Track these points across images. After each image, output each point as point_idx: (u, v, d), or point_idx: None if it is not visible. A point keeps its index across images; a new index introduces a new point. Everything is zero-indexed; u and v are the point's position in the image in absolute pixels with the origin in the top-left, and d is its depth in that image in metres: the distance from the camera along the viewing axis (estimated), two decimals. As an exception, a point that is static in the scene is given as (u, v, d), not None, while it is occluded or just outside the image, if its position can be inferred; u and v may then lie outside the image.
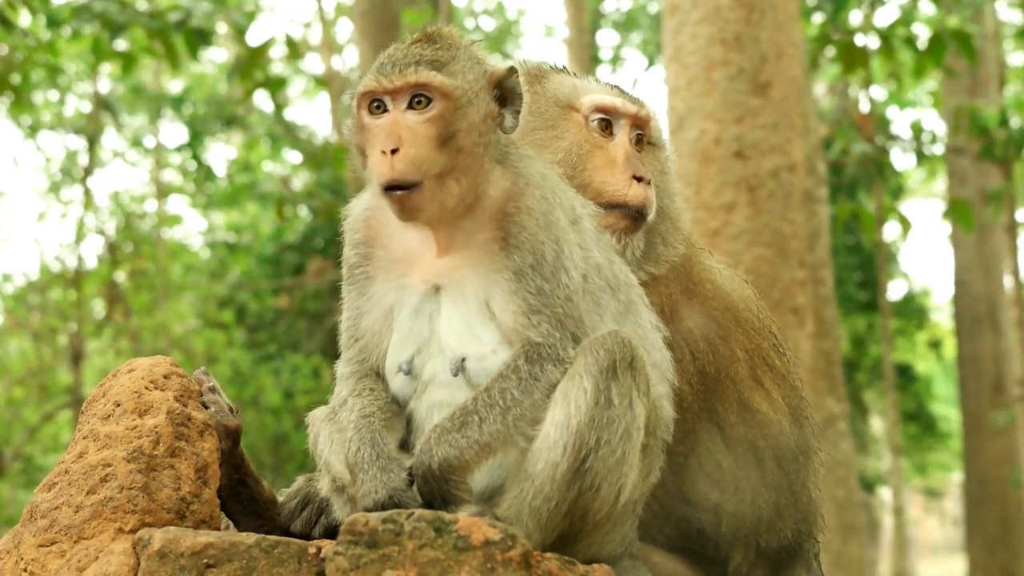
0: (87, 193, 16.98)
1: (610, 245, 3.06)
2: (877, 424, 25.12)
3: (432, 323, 2.89)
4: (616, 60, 24.72)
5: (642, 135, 3.40)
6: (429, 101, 2.82)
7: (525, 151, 3.02)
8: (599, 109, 3.35)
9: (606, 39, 24.61)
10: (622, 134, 3.34)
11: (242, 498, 3.20)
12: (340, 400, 2.94)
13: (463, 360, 2.84)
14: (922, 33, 12.31)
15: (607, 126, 3.34)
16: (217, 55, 20.77)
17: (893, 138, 15.87)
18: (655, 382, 2.90)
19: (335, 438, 2.94)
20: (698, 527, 3.30)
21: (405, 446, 2.88)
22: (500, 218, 2.87)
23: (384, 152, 2.80)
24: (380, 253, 2.99)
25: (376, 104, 2.85)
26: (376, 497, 2.74)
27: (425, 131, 2.80)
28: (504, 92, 2.95)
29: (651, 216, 3.29)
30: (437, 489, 2.73)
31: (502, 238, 2.85)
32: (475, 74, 2.89)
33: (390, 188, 2.80)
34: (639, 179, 3.28)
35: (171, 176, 21.19)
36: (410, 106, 2.83)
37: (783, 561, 3.41)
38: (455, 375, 2.84)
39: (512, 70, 2.95)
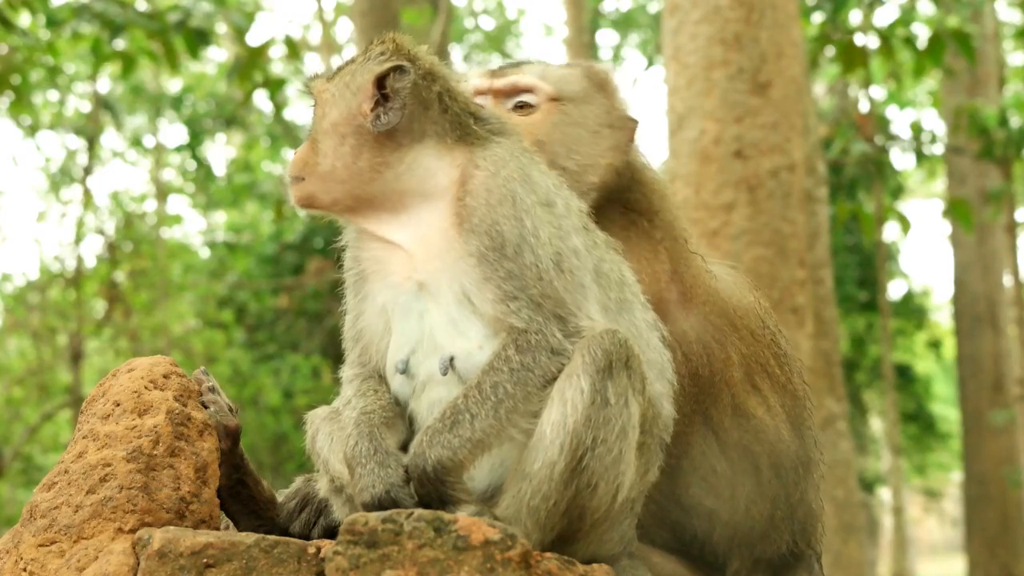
0: (87, 193, 16.97)
1: (606, 243, 3.04)
2: (877, 424, 25.13)
3: (422, 321, 2.90)
4: (616, 60, 24.74)
5: (524, 102, 3.36)
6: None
7: (497, 136, 3.02)
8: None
9: (606, 39, 24.65)
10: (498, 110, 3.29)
11: (242, 498, 3.21)
12: (344, 400, 2.96)
13: (451, 359, 2.84)
14: (922, 33, 12.32)
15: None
16: (217, 55, 20.78)
17: (893, 138, 15.87)
18: (652, 380, 2.89)
19: (335, 436, 2.95)
20: (692, 532, 3.29)
21: (408, 447, 2.89)
22: (453, 203, 2.90)
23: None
24: (367, 254, 3.01)
25: None
26: (373, 492, 2.74)
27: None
28: (388, 90, 2.97)
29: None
30: (434, 491, 2.74)
31: (457, 224, 2.87)
32: (359, 76, 2.98)
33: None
34: None
35: (171, 176, 21.19)
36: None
37: (784, 566, 3.40)
38: (444, 374, 2.84)
39: (396, 68, 2.95)
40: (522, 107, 3.37)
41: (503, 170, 2.90)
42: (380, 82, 2.96)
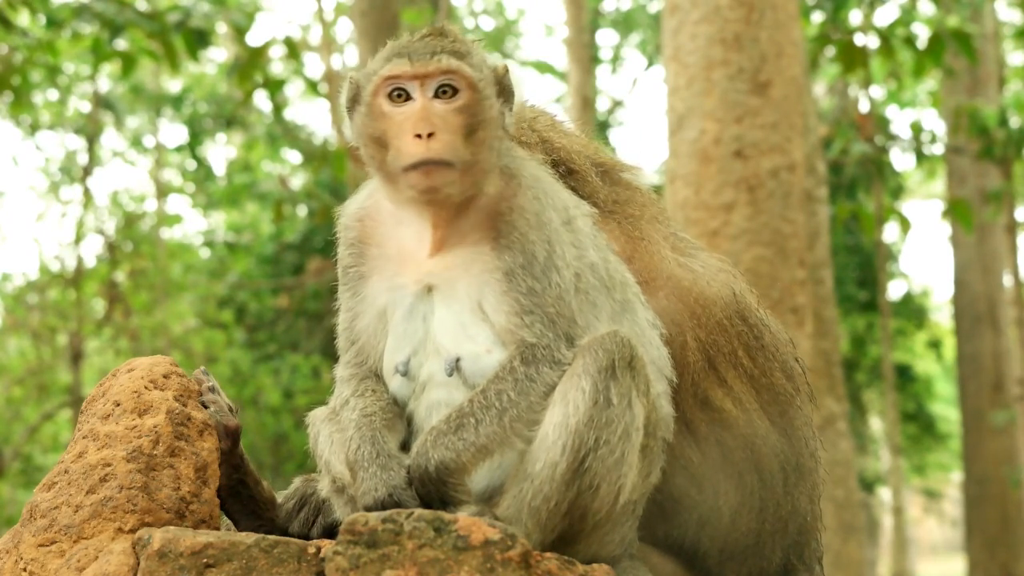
0: (86, 193, 16.97)
1: (607, 246, 3.06)
2: (877, 424, 25.12)
3: (426, 324, 2.89)
4: (616, 60, 24.73)
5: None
6: (455, 91, 2.83)
7: (518, 152, 3.03)
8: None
9: (606, 39, 24.63)
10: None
11: (242, 498, 3.21)
12: (342, 400, 2.95)
13: (458, 360, 2.84)
14: (922, 33, 12.33)
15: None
16: (217, 55, 20.78)
17: (893, 138, 15.87)
18: (653, 380, 2.90)
19: (335, 438, 2.94)
20: (682, 538, 3.24)
21: (407, 448, 2.88)
22: (493, 218, 2.88)
23: (419, 136, 2.79)
24: (373, 251, 2.99)
25: (398, 92, 2.85)
26: (376, 495, 2.74)
27: (454, 120, 2.82)
28: (503, 89, 2.96)
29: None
30: (435, 491, 2.74)
31: (494, 238, 2.86)
32: (487, 69, 2.92)
33: (420, 164, 2.78)
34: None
35: (171, 176, 21.19)
36: (435, 95, 2.84)
37: (784, 572, 3.38)
38: (450, 375, 2.84)
39: (507, 68, 2.96)
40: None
41: (541, 194, 2.91)
42: (500, 80, 2.94)
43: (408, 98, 2.84)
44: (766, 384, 3.33)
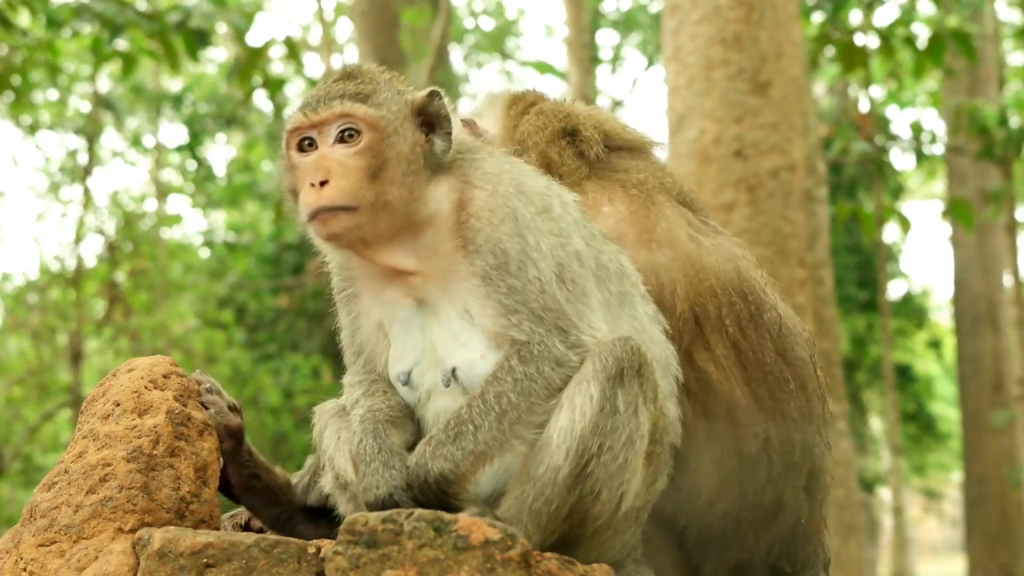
0: (86, 193, 16.95)
1: (599, 234, 3.02)
2: (877, 424, 25.12)
3: (424, 335, 2.90)
4: (616, 60, 24.73)
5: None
6: (357, 134, 2.85)
7: (479, 154, 3.01)
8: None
9: (606, 39, 24.63)
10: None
11: (256, 491, 3.21)
12: (353, 400, 2.96)
13: (454, 370, 2.84)
14: (922, 33, 12.33)
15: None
16: (217, 54, 20.77)
17: (893, 138, 15.87)
18: (660, 382, 2.88)
19: (343, 435, 2.95)
20: (659, 505, 3.20)
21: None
22: (457, 227, 2.88)
23: (313, 185, 2.82)
24: (358, 273, 3.00)
25: (306, 141, 2.89)
26: (378, 492, 2.75)
27: (355, 163, 2.83)
28: (429, 118, 2.95)
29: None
30: (436, 502, 2.74)
31: (463, 246, 2.86)
32: (398, 105, 2.92)
33: (316, 213, 2.80)
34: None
35: (171, 176, 21.18)
36: (340, 140, 2.86)
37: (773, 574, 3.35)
38: (447, 385, 2.84)
39: (434, 94, 2.95)
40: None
41: (500, 187, 2.90)
42: (422, 109, 2.93)
43: (315, 146, 2.88)
44: (755, 360, 3.29)
